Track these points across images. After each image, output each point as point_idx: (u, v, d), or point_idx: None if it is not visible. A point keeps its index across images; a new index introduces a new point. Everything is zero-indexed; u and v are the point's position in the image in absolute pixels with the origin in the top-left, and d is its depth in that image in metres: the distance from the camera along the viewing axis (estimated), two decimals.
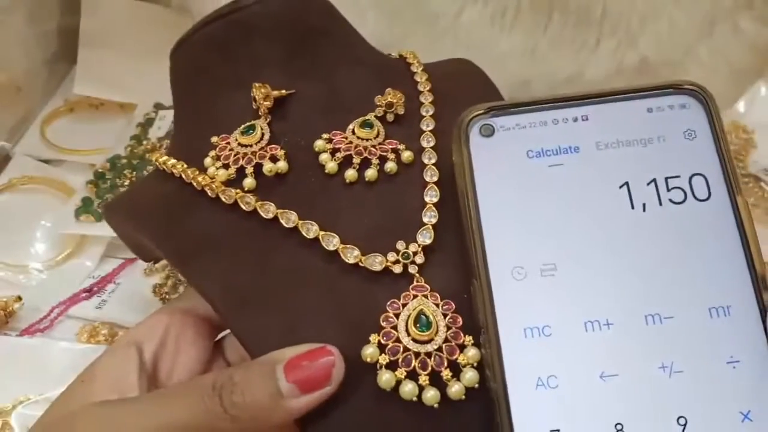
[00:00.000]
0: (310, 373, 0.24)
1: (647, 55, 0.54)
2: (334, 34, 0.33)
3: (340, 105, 0.31)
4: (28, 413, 0.39)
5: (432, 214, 0.28)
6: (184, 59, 0.33)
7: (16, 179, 0.53)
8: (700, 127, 0.26)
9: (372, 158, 0.29)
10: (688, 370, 0.23)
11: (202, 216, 0.29)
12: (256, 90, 0.30)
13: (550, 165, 0.26)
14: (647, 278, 0.24)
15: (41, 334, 0.44)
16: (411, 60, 0.35)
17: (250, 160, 0.29)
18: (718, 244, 0.25)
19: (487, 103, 0.27)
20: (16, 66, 0.57)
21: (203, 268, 0.28)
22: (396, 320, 0.25)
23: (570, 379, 0.23)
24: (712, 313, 0.24)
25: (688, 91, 0.27)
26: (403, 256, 0.27)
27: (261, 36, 0.31)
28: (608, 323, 0.24)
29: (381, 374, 0.24)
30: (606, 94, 0.27)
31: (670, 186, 0.25)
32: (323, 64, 0.32)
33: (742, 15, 0.55)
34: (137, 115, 0.58)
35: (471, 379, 0.24)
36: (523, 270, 0.25)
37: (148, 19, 0.61)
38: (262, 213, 0.28)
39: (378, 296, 0.27)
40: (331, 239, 0.27)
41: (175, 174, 0.30)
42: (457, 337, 0.25)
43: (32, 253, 0.50)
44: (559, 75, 0.56)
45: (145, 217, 0.31)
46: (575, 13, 0.52)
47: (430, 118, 0.31)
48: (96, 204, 0.50)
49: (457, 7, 0.53)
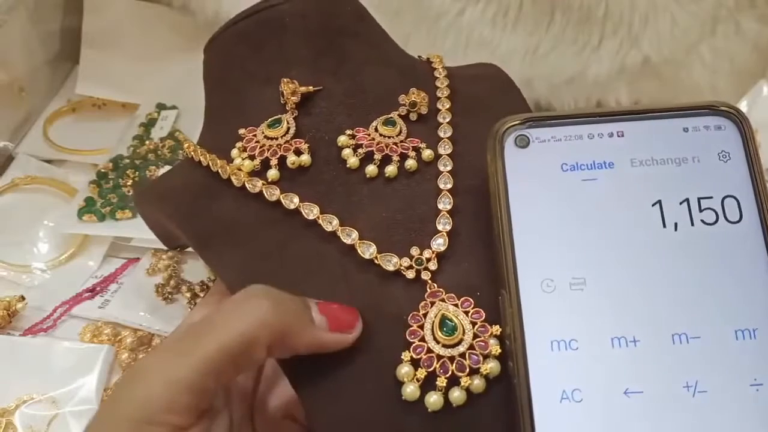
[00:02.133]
0: (339, 314, 0.26)
1: (649, 54, 0.54)
2: (363, 35, 0.34)
3: (364, 103, 0.32)
4: (31, 413, 0.39)
5: (446, 221, 0.28)
6: (216, 54, 0.34)
7: (19, 179, 0.53)
8: (734, 149, 0.26)
9: (393, 155, 0.30)
10: (711, 390, 0.23)
11: (226, 203, 0.30)
12: (285, 85, 0.31)
13: (583, 179, 0.26)
14: (675, 297, 0.24)
15: (44, 333, 0.44)
16: (436, 65, 0.35)
17: (275, 152, 0.30)
18: (748, 267, 0.25)
19: (524, 114, 0.27)
20: (18, 66, 0.57)
21: (223, 252, 0.29)
22: (422, 331, 0.26)
23: (594, 393, 0.23)
24: (738, 335, 0.24)
25: (724, 112, 0.27)
26: (417, 262, 0.27)
27: (291, 34, 0.32)
28: (635, 340, 0.24)
29: (405, 386, 0.25)
30: (642, 111, 0.27)
31: (702, 207, 0.26)
32: (350, 64, 0.33)
33: (745, 14, 0.55)
34: (140, 115, 0.58)
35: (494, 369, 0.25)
36: (552, 283, 0.25)
37: (150, 20, 0.61)
38: (285, 204, 0.29)
39: (388, 296, 0.27)
40: (350, 233, 0.28)
41: (202, 163, 0.31)
42: (486, 330, 0.26)
43: (35, 253, 0.50)
44: (561, 75, 0.55)
45: (172, 200, 0.32)
46: (577, 12, 0.52)
47: (447, 125, 0.31)
48: (99, 204, 0.50)
49: (458, 7, 0.53)
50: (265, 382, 0.31)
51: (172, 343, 0.25)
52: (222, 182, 0.30)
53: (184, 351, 0.23)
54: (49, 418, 0.39)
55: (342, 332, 0.26)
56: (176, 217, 0.31)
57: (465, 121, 0.32)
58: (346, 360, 0.26)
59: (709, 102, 0.27)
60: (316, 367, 0.26)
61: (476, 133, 0.29)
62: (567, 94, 0.57)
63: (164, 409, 0.22)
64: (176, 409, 0.22)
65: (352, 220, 0.28)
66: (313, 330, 0.25)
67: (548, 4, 0.52)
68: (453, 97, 0.33)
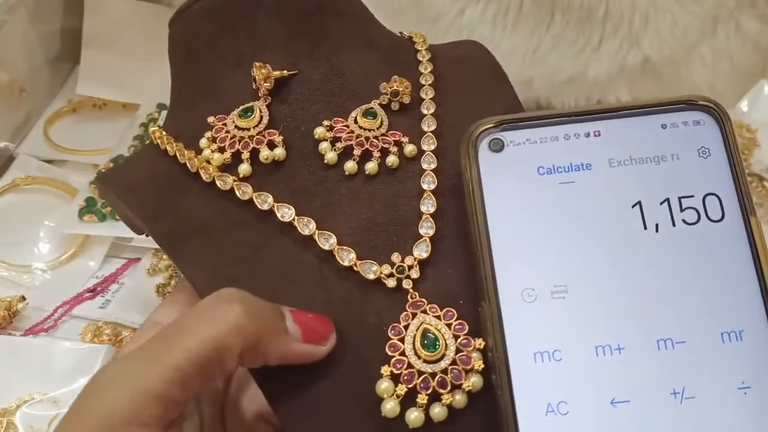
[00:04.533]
0: (314, 325, 0.25)
1: (650, 54, 0.54)
2: (343, 13, 0.31)
3: (342, 89, 0.30)
4: (32, 413, 0.39)
5: (429, 225, 0.27)
6: (182, 30, 0.31)
7: (20, 179, 0.53)
8: (714, 145, 0.26)
9: (373, 150, 0.28)
10: (699, 395, 0.23)
11: (195, 200, 0.28)
12: (257, 70, 0.29)
13: (561, 182, 0.25)
14: (659, 301, 0.24)
15: (45, 333, 0.44)
16: (419, 45, 0.33)
17: (246, 145, 0.28)
18: (731, 266, 0.24)
19: (497, 117, 0.26)
20: (19, 66, 0.57)
21: (193, 255, 0.27)
22: (402, 345, 0.25)
23: (581, 405, 0.23)
24: (724, 338, 0.23)
25: (702, 107, 0.26)
26: (398, 270, 0.26)
27: (265, 11, 0.30)
28: (619, 348, 0.23)
29: (385, 403, 0.24)
30: (619, 109, 0.26)
31: (683, 206, 0.25)
32: (329, 46, 0.30)
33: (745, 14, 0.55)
34: (140, 115, 0.58)
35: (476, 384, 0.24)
36: (533, 292, 0.24)
37: (150, 20, 0.61)
38: (258, 204, 0.27)
39: (369, 306, 0.26)
40: (328, 238, 0.26)
41: (169, 152, 0.29)
42: (469, 344, 0.25)
43: (36, 253, 0.50)
44: (561, 74, 0.55)
45: (137, 194, 0.30)
46: (577, 12, 0.52)
47: (431, 117, 0.30)
48: (99, 204, 0.50)
49: (458, 7, 0.53)
50: (237, 383, 0.30)
51: (139, 350, 0.23)
52: (190, 175, 0.28)
53: (150, 358, 0.22)
54: (50, 418, 0.39)
55: (315, 344, 0.25)
56: (142, 215, 0.29)
57: (449, 111, 0.30)
58: (323, 373, 0.25)
59: (686, 96, 0.26)
60: (292, 379, 0.25)
61: (461, 124, 0.28)
62: (567, 94, 0.57)
63: (129, 421, 0.21)
64: (142, 421, 0.21)
65: (330, 223, 0.27)
66: (286, 339, 0.24)
67: (548, 4, 0.52)
68: (437, 83, 0.31)
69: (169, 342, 0.22)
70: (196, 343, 0.22)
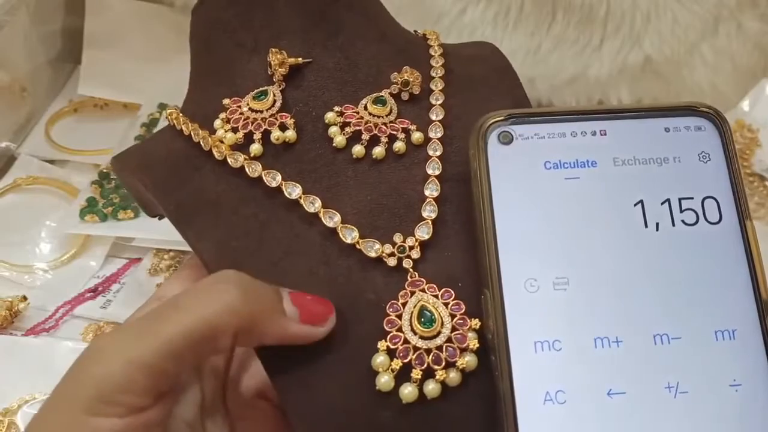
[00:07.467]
0: (312, 306, 0.25)
1: (651, 54, 0.54)
2: (359, 6, 0.32)
3: (355, 79, 0.31)
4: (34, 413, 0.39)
5: (432, 209, 0.28)
6: (204, 16, 0.33)
7: (21, 179, 0.53)
8: (714, 151, 0.26)
9: (381, 136, 0.29)
10: (692, 391, 0.23)
11: (207, 177, 0.29)
12: (273, 55, 0.30)
13: (566, 177, 0.26)
14: (657, 297, 0.25)
15: (46, 333, 0.45)
16: (432, 42, 0.34)
17: (259, 126, 0.29)
18: (727, 267, 0.25)
19: (507, 110, 0.27)
20: (20, 66, 0.57)
21: (202, 227, 0.28)
22: (400, 321, 0.25)
23: (578, 395, 0.23)
24: (717, 336, 0.24)
25: (703, 113, 0.27)
26: (399, 250, 0.27)
27: (283, 1, 0.31)
28: (617, 340, 0.24)
29: (380, 376, 0.24)
30: (625, 110, 0.27)
31: (683, 207, 0.26)
32: (343, 36, 0.31)
33: (747, 14, 0.55)
34: (141, 116, 0.58)
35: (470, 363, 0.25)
36: (536, 282, 0.25)
37: (152, 20, 0.61)
38: (267, 181, 0.28)
39: (369, 283, 0.27)
40: (332, 216, 0.27)
41: (184, 132, 0.30)
42: (465, 323, 0.25)
43: (37, 253, 0.50)
44: (562, 74, 0.56)
45: (151, 171, 0.31)
46: (579, 12, 0.52)
47: (440, 107, 0.30)
48: (100, 204, 0.50)
49: (460, 7, 0.53)
50: (238, 361, 0.31)
51: (134, 322, 0.24)
52: (203, 154, 0.29)
53: (145, 331, 0.23)
54: None
55: (313, 325, 0.25)
56: (154, 189, 0.30)
57: (458, 103, 0.31)
58: (321, 347, 0.25)
59: (688, 103, 0.27)
60: (290, 353, 0.26)
61: (468, 116, 0.29)
62: (568, 94, 0.57)
63: (121, 389, 0.22)
64: (133, 390, 0.22)
65: (335, 202, 0.28)
66: (283, 321, 0.24)
67: (549, 4, 0.52)
68: (447, 77, 0.32)
69: (164, 317, 0.23)
70: (189, 320, 0.23)
